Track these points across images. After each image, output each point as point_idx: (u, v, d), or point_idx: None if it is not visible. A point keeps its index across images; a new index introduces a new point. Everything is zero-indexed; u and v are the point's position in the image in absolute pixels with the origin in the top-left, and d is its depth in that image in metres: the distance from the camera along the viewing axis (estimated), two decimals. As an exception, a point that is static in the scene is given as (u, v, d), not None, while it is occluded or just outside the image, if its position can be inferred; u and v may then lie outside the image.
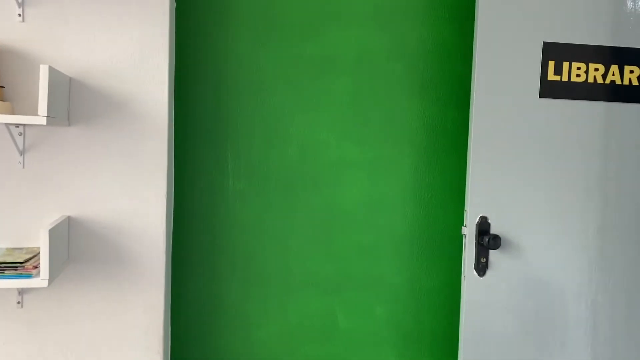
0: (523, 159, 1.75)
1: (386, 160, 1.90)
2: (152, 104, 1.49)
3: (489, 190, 1.74)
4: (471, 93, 1.73)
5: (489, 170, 1.74)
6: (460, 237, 1.87)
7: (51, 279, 1.27)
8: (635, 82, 1.76)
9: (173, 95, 1.70)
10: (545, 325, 1.79)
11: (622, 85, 1.76)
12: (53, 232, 1.29)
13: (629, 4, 1.74)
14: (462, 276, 1.76)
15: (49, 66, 1.22)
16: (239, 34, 1.79)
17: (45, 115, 1.21)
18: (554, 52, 1.73)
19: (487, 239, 1.71)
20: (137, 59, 1.48)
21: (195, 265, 1.81)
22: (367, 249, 1.90)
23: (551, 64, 1.73)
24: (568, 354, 1.80)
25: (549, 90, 1.74)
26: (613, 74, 1.75)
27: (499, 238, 1.70)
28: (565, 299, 1.80)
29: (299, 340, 1.88)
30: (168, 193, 1.57)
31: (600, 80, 1.75)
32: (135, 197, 1.49)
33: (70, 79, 1.44)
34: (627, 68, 1.75)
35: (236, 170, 1.81)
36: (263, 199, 1.83)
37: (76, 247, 1.47)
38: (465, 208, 1.75)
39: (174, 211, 1.74)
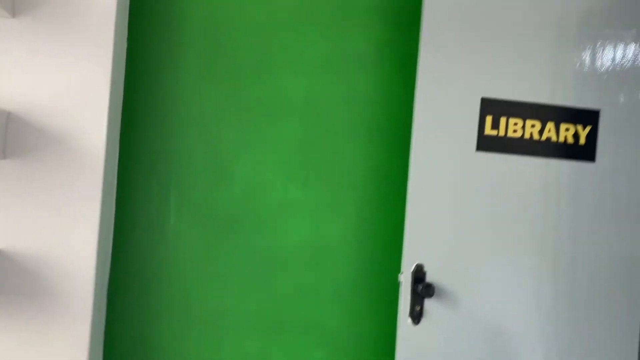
0: (461, 210, 1.79)
1: (330, 204, 1.93)
2: (90, 140, 1.52)
3: (425, 239, 1.77)
4: (411, 143, 1.78)
5: (425, 219, 1.77)
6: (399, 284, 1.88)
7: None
8: (570, 140, 1.81)
9: (118, 132, 1.73)
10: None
11: (557, 143, 1.81)
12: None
13: (566, 64, 1.81)
14: (398, 324, 1.76)
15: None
16: (188, 75, 1.84)
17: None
18: (491, 107, 1.78)
19: (421, 287, 1.72)
20: (79, 96, 1.51)
21: (131, 303, 1.81)
22: (307, 291, 1.91)
23: (489, 118, 1.79)
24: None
25: (486, 144, 1.79)
26: (549, 131, 1.81)
27: (432, 287, 1.72)
28: (501, 349, 1.81)
29: (233, 383, 1.87)
30: (103, 229, 1.59)
31: (536, 137, 1.81)
32: (67, 231, 1.51)
33: (9, 113, 1.48)
34: (562, 126, 1.81)
35: (178, 209, 1.83)
36: (204, 238, 1.85)
37: (3, 280, 1.47)
38: (403, 255, 1.77)
39: (112, 247, 1.75)
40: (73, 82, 1.51)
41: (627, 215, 1.83)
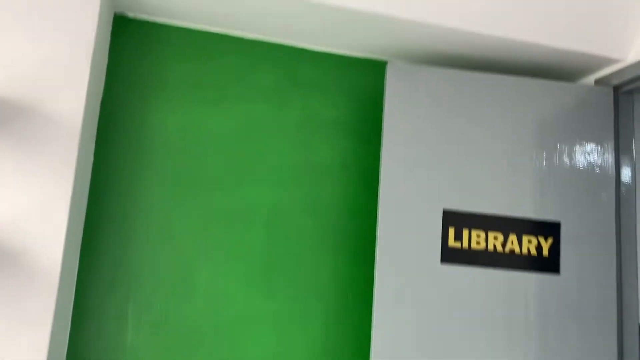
0: (427, 321, 1.75)
1: (294, 315, 1.88)
2: (46, 258, 1.49)
3: (392, 351, 1.72)
4: (375, 254, 1.77)
5: (392, 332, 1.73)
6: (366, 402, 1.81)
7: None
8: (533, 252, 1.82)
9: (77, 248, 1.71)
10: None
11: (521, 255, 1.82)
12: None
13: (525, 174, 1.85)
14: None
15: None
16: (154, 184, 1.84)
17: None
18: (453, 219, 1.80)
19: (387, 409, 1.65)
20: (37, 214, 1.50)
21: None
22: (270, 410, 1.82)
23: (451, 230, 1.80)
24: None
25: (450, 255, 1.79)
26: (512, 243, 1.82)
27: (398, 408, 1.65)
28: None
29: None
30: (54, 353, 1.53)
31: (499, 249, 1.81)
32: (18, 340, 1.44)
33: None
34: (525, 237, 1.82)
35: (136, 324, 1.77)
36: (163, 354, 1.78)
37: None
38: (369, 371, 1.71)
39: (65, 365, 1.68)
40: (33, 199, 1.51)
41: (595, 323, 1.81)
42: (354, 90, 2.05)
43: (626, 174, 1.93)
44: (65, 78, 1.58)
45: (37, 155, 1.53)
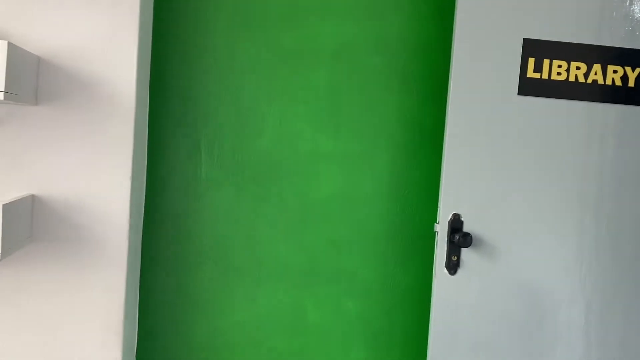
0: (500, 157, 1.72)
1: (362, 155, 1.88)
2: (120, 86, 1.49)
3: (462, 188, 1.71)
4: (448, 89, 1.70)
5: (463, 167, 1.71)
6: (434, 235, 1.84)
7: (5, 253, 1.28)
8: (618, 83, 1.71)
9: (147, 79, 1.70)
10: (518, 328, 1.75)
11: (604, 85, 1.71)
12: (10, 207, 1.29)
13: (614, 2, 1.70)
14: (434, 274, 1.73)
15: (8, 42, 1.23)
16: (216, 25, 1.79)
17: (3, 90, 1.22)
18: (534, 49, 1.69)
19: (458, 237, 1.68)
20: (107, 40, 1.48)
21: (164, 253, 1.81)
22: (339, 243, 1.88)
23: (531, 61, 1.70)
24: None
25: (528, 87, 1.70)
26: (595, 74, 1.71)
27: (470, 236, 1.67)
28: (539, 302, 1.76)
29: (267, 333, 1.87)
30: (136, 177, 1.58)
31: (582, 80, 1.71)
32: (100, 179, 1.50)
33: (39, 58, 1.46)
34: (610, 68, 1.71)
35: (209, 159, 1.81)
36: (235, 189, 1.83)
37: (39, 226, 1.48)
38: (439, 205, 1.72)
39: (145, 195, 1.75)
40: (102, 27, 1.48)
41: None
42: None
43: None
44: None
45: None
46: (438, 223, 1.72)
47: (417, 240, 1.91)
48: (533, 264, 1.74)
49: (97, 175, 1.50)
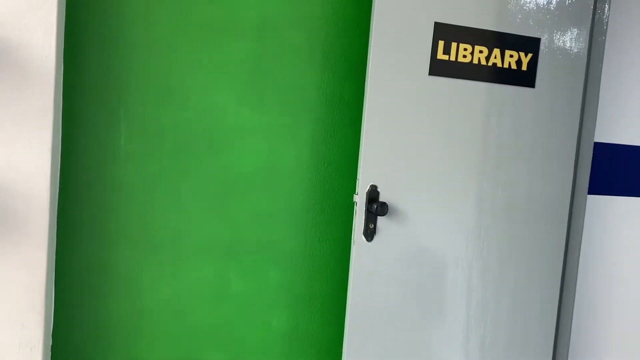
0: (412, 133, 1.86)
1: (284, 128, 1.93)
2: (38, 55, 1.41)
3: (379, 161, 1.83)
4: (367, 67, 1.80)
5: (380, 141, 1.82)
6: (353, 206, 1.95)
7: None
8: (514, 66, 1.92)
9: (62, 48, 1.62)
10: (425, 291, 1.92)
11: (503, 68, 1.91)
12: None
13: (512, -7, 1.89)
14: (352, 241, 1.84)
15: None
16: (136, -10, 1.73)
17: None
18: (443, 32, 1.84)
19: (375, 206, 1.80)
20: (25, 8, 1.39)
21: (82, 227, 1.75)
22: (262, 215, 1.93)
23: (441, 43, 1.84)
24: (447, 319, 1.96)
25: (437, 68, 1.85)
26: (495, 57, 1.90)
27: (386, 205, 1.80)
28: (444, 264, 1.94)
29: (191, 307, 1.88)
30: (54, 149, 1.51)
31: (483, 62, 1.89)
32: (18, 152, 1.42)
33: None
34: (507, 52, 1.91)
35: (129, 131, 1.76)
36: (156, 161, 1.80)
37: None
38: (358, 177, 1.83)
39: (60, 169, 1.67)
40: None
41: (563, 138, 1.99)
42: None
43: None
44: None
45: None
46: (357, 194, 1.83)
47: (337, 211, 2.02)
48: (439, 229, 1.92)
49: (14, 148, 1.42)
